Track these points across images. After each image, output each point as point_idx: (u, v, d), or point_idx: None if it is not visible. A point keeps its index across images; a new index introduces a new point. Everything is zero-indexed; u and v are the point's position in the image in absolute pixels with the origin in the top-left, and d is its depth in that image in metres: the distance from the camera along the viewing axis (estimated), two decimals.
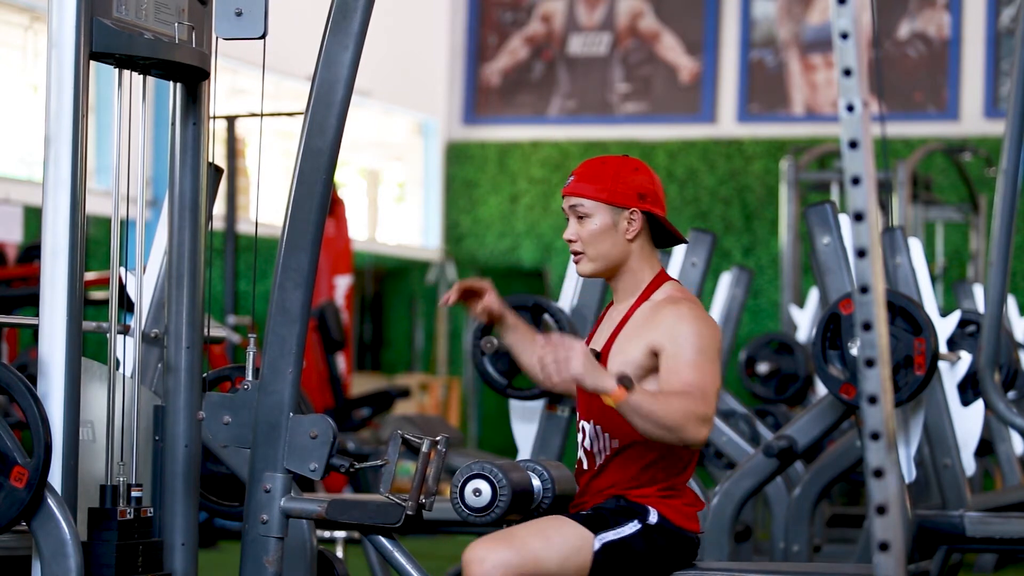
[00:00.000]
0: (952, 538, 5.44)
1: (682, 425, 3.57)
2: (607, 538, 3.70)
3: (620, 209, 3.80)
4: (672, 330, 3.69)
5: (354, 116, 7.88)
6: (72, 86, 3.59)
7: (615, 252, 3.82)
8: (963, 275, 12.11)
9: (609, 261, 3.83)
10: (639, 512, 3.73)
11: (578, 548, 3.67)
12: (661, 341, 3.69)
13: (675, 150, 13.63)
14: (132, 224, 3.95)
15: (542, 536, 3.65)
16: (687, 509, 3.78)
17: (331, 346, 10.30)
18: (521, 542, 3.63)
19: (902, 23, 13.15)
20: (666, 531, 3.74)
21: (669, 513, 3.75)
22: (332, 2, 3.74)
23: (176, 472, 3.86)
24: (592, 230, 3.81)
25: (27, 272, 8.43)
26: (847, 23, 2.86)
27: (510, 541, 3.63)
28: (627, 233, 3.81)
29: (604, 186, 3.80)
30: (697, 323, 3.69)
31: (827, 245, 5.05)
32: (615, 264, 3.83)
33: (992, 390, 5.07)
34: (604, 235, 3.80)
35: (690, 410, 3.58)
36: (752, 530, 6.47)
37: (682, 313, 3.71)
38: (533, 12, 14.00)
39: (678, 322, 3.69)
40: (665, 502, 3.75)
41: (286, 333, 3.74)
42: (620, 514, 3.73)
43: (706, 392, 3.62)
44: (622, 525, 3.72)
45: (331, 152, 3.74)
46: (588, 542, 3.68)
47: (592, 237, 3.81)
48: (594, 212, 3.81)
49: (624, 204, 3.80)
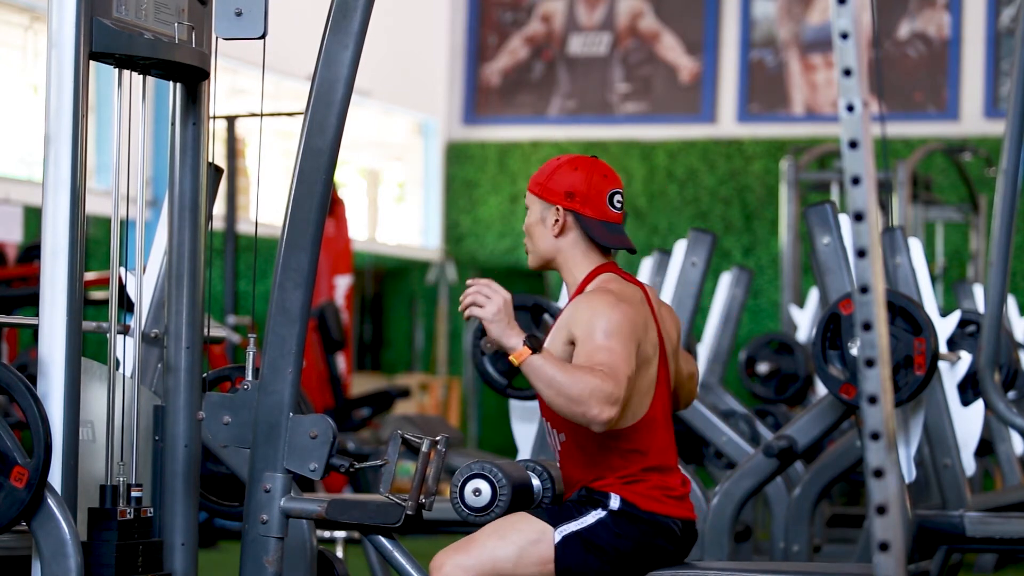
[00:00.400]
0: (952, 538, 5.44)
1: (586, 400, 3.56)
2: (568, 529, 3.72)
3: (548, 204, 3.87)
4: (582, 317, 3.71)
5: (354, 116, 7.89)
6: (72, 86, 3.59)
7: (542, 246, 3.88)
8: (963, 275, 12.11)
9: (539, 254, 3.90)
10: (600, 500, 3.75)
11: (535, 541, 3.70)
12: (574, 331, 3.72)
13: (675, 150, 13.63)
14: (132, 224, 3.95)
15: (497, 534, 3.71)
16: (655, 492, 3.76)
17: (331, 346, 10.30)
18: (476, 543, 3.70)
19: (902, 23, 13.15)
20: (632, 516, 3.74)
21: (633, 498, 3.74)
22: (332, 2, 3.74)
23: (176, 472, 3.86)
24: (528, 222, 3.91)
25: (27, 272, 8.43)
26: (847, 23, 2.86)
27: (467, 544, 3.70)
28: (552, 229, 3.85)
29: (538, 180, 3.89)
30: (607, 309, 3.69)
31: (827, 245, 5.05)
32: (546, 258, 3.89)
33: (992, 390, 5.07)
34: (534, 228, 3.89)
35: (597, 386, 3.57)
36: (752, 530, 6.47)
37: (592, 301, 3.73)
38: (533, 12, 14.00)
39: (588, 309, 3.71)
40: (628, 488, 3.75)
41: (286, 333, 3.74)
42: (582, 504, 3.76)
43: (616, 372, 3.61)
44: (584, 515, 3.74)
45: (331, 152, 3.74)
46: (547, 535, 3.71)
47: (527, 229, 3.91)
48: (531, 205, 3.90)
49: (550, 200, 3.86)
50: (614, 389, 3.58)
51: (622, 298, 3.74)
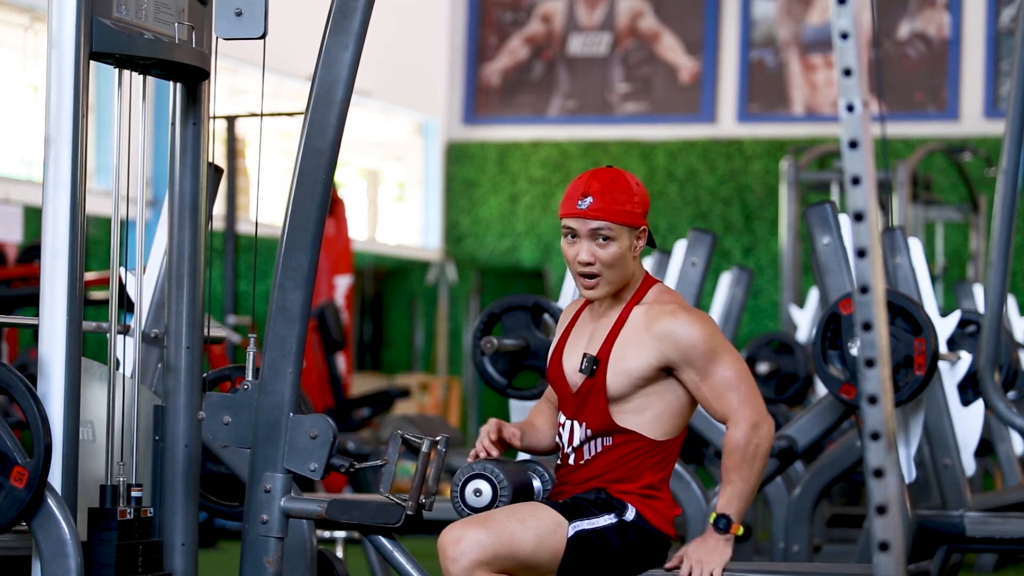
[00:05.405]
0: (952, 538, 5.43)
1: (763, 451, 3.72)
2: (581, 526, 3.73)
3: (634, 228, 3.80)
4: (681, 344, 3.74)
5: (354, 116, 7.88)
6: (72, 86, 3.59)
7: (627, 271, 3.82)
8: (963, 275, 12.11)
9: (623, 281, 3.82)
10: (617, 507, 3.76)
11: (553, 531, 3.70)
12: (672, 358, 3.74)
13: (675, 150, 13.62)
14: (132, 224, 3.95)
15: (517, 518, 3.69)
16: (667, 512, 3.81)
17: (331, 346, 10.30)
18: (497, 523, 3.67)
19: (902, 23, 13.14)
20: (641, 530, 3.76)
21: (648, 513, 3.77)
22: (332, 2, 3.74)
23: (176, 472, 3.86)
24: (613, 252, 3.77)
25: (27, 272, 8.43)
26: (847, 23, 2.86)
27: (486, 522, 3.66)
28: (635, 250, 3.81)
29: (621, 209, 3.76)
30: (697, 325, 3.76)
31: (827, 245, 5.04)
32: (626, 282, 3.84)
33: (992, 390, 5.07)
34: (625, 257, 3.78)
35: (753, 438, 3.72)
36: (752, 530, 6.47)
37: (679, 322, 3.75)
38: (533, 12, 13.99)
39: (685, 332, 3.74)
40: (646, 502, 3.78)
41: (286, 333, 3.74)
42: (598, 506, 3.76)
43: (751, 397, 3.74)
44: (598, 516, 3.75)
45: (331, 152, 3.74)
46: (563, 528, 3.71)
47: (613, 259, 3.78)
48: (619, 236, 3.77)
49: (638, 224, 3.80)
50: (756, 406, 3.74)
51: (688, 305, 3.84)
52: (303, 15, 8.61)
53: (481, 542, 3.61)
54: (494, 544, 3.62)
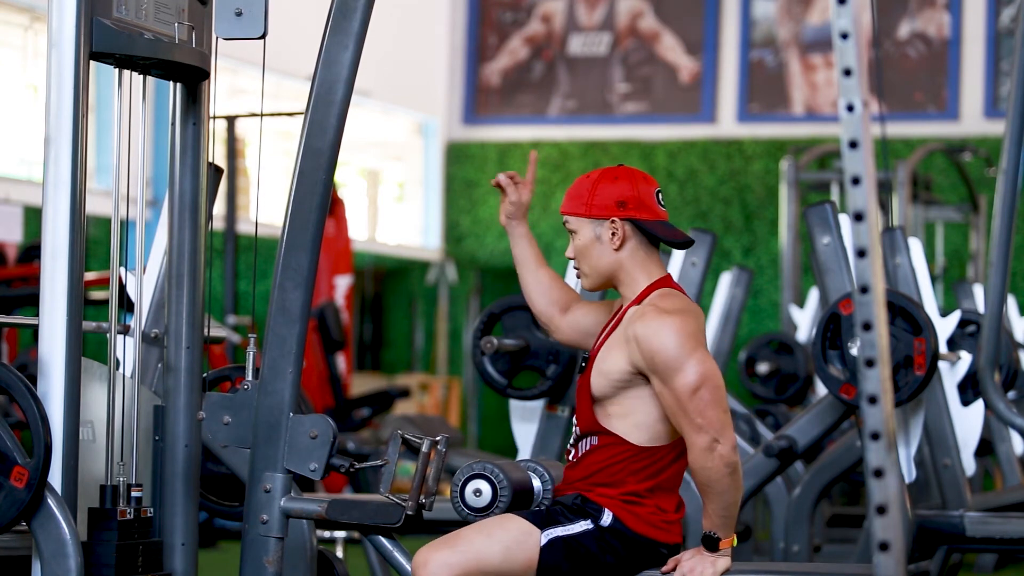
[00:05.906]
0: (952, 538, 5.43)
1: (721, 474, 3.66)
2: (554, 533, 3.72)
3: (601, 220, 3.81)
4: (645, 350, 3.70)
5: (354, 116, 7.88)
6: (72, 86, 3.59)
7: (603, 263, 3.83)
8: (963, 275, 12.11)
9: (601, 273, 3.84)
10: (592, 512, 3.75)
11: (521, 542, 3.69)
12: (639, 364, 3.71)
13: (675, 150, 13.62)
14: (132, 224, 3.95)
15: (484, 533, 3.69)
16: (653, 517, 3.76)
17: (331, 346, 10.30)
18: (463, 540, 3.68)
19: (902, 23, 13.14)
20: (620, 535, 3.74)
21: (626, 517, 3.74)
22: (332, 2, 3.74)
23: (176, 472, 3.86)
24: (578, 245, 3.85)
25: (27, 272, 8.43)
26: (847, 23, 2.86)
27: (452, 541, 3.68)
28: (612, 243, 3.81)
29: (583, 200, 3.82)
30: (664, 333, 3.69)
31: (827, 245, 5.04)
32: (606, 275, 3.85)
33: (992, 390, 5.07)
34: (589, 249, 3.83)
35: (706, 462, 3.66)
36: (752, 530, 6.47)
37: (649, 327, 3.71)
38: (533, 12, 13.99)
39: (650, 339, 3.70)
40: (626, 507, 3.75)
41: (286, 333, 3.74)
42: (573, 511, 3.75)
43: (704, 406, 3.67)
44: (572, 522, 3.74)
45: (331, 152, 3.74)
46: (534, 536, 3.70)
47: (580, 252, 3.86)
48: (579, 228, 3.84)
49: (603, 215, 3.81)
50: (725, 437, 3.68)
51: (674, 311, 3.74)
52: (303, 15, 8.61)
53: (448, 562, 3.64)
54: (460, 563, 3.64)
